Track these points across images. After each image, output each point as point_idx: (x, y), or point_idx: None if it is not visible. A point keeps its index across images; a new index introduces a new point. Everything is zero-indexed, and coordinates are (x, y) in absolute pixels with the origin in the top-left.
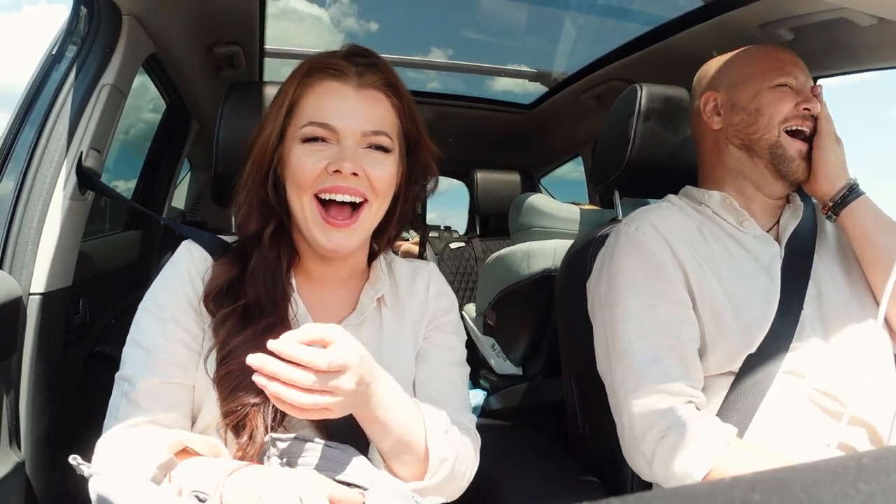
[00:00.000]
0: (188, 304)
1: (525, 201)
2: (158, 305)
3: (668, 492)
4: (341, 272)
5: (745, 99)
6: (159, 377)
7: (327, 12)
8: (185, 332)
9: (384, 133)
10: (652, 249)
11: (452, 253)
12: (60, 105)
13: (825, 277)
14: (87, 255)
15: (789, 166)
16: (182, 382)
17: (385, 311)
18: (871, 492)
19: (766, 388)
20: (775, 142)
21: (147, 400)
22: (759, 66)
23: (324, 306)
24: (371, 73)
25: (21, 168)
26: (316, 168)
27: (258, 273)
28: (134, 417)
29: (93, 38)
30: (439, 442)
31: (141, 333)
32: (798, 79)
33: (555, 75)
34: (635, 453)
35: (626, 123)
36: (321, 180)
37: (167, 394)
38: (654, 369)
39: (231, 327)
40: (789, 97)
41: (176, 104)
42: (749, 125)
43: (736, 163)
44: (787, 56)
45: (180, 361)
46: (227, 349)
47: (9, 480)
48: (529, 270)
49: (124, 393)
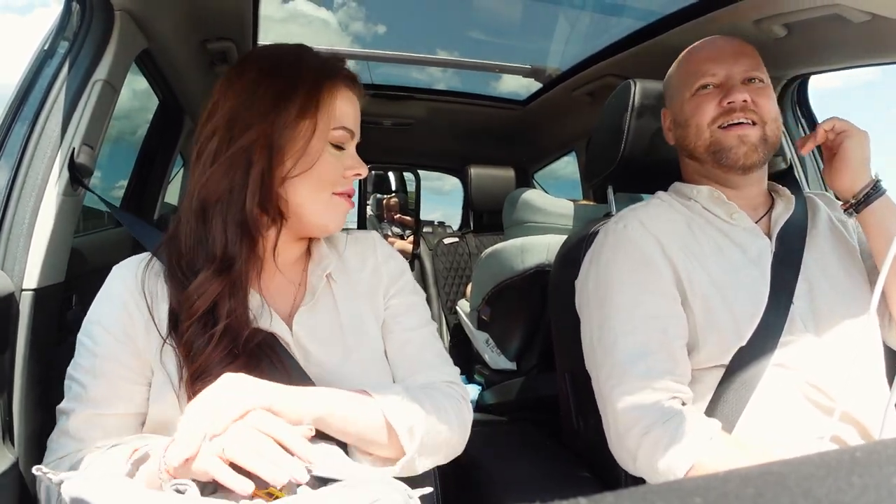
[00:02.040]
0: (124, 335)
1: (519, 197)
2: (92, 339)
3: (661, 486)
4: (290, 256)
5: (678, 112)
6: (91, 409)
7: (335, 16)
8: (120, 365)
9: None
10: (640, 246)
11: (446, 248)
12: (52, 101)
13: (816, 272)
14: (79, 251)
15: (730, 155)
16: (116, 413)
17: (335, 287)
18: (864, 485)
19: (757, 381)
20: (709, 143)
21: (80, 432)
22: (680, 76)
23: (276, 293)
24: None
25: (13, 164)
26: (337, 171)
27: (239, 293)
28: (67, 449)
29: (85, 34)
30: (398, 413)
31: (75, 367)
32: (717, 73)
33: (549, 71)
34: (620, 449)
35: (619, 119)
36: (341, 184)
37: (101, 426)
38: (640, 365)
39: (193, 341)
40: (710, 98)
41: (169, 100)
42: (685, 137)
43: (696, 169)
44: (705, 52)
45: (114, 395)
46: (197, 366)
47: (2, 477)
48: (523, 265)
49: (60, 427)
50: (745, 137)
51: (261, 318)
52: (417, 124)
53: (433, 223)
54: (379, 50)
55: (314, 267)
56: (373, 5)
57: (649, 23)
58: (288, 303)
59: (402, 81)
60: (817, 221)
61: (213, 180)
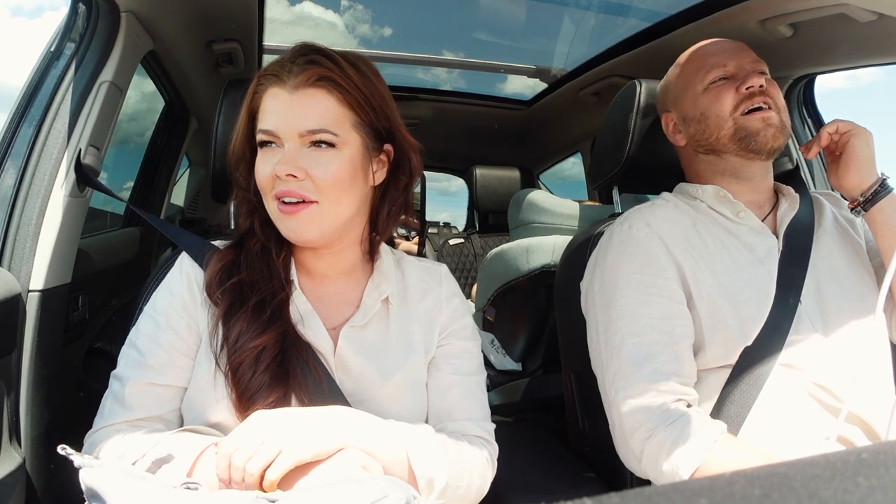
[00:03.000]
0: (183, 308)
1: (524, 197)
2: (155, 308)
3: (667, 487)
4: (336, 266)
5: (690, 109)
6: (147, 378)
7: (342, 18)
8: (177, 337)
9: (324, 130)
10: (645, 247)
11: (451, 249)
12: (59, 102)
13: (823, 270)
14: (86, 252)
15: (758, 139)
16: (170, 384)
17: (392, 310)
18: (870, 486)
19: (764, 381)
20: (734, 131)
21: (133, 400)
22: (688, 73)
23: (327, 302)
24: (307, 70)
25: (20, 165)
26: (267, 173)
27: (251, 254)
28: (118, 416)
29: (91, 35)
30: (423, 461)
31: (137, 335)
32: (727, 65)
33: (554, 72)
34: (625, 450)
35: (625, 119)
36: (274, 184)
37: (154, 395)
38: (647, 367)
39: (228, 307)
40: (726, 88)
41: (174, 101)
42: (703, 131)
43: (711, 165)
44: (709, 48)
45: (171, 364)
46: (234, 335)
47: (9, 477)
48: (528, 266)
49: (113, 392)
50: (768, 119)
51: (307, 324)
52: (422, 125)
53: (438, 224)
54: (384, 51)
55: (372, 288)
56: (378, 6)
57: (655, 23)
58: (338, 314)
59: (407, 82)
60: (824, 220)
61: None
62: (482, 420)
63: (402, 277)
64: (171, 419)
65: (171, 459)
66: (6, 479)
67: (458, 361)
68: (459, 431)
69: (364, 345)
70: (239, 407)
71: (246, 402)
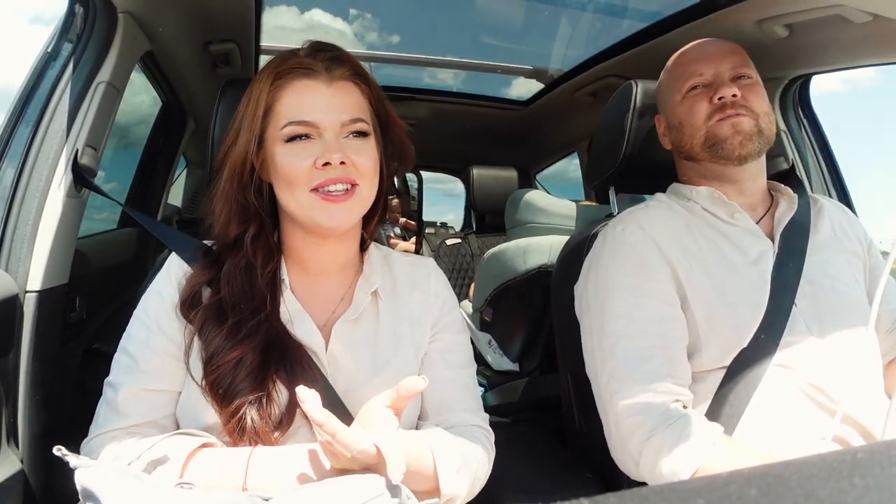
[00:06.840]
0: (174, 311)
1: (521, 197)
2: (146, 313)
3: (664, 487)
4: (337, 258)
5: (671, 116)
6: (140, 384)
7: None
8: (169, 341)
9: (361, 119)
10: (638, 250)
11: (449, 249)
12: (56, 102)
13: (819, 273)
14: (83, 253)
15: (725, 146)
16: (163, 389)
17: (381, 304)
18: (865, 486)
19: (758, 382)
20: (705, 139)
21: (127, 406)
22: (669, 81)
23: (319, 300)
24: (338, 65)
25: (17, 165)
26: (304, 165)
27: (233, 273)
28: (112, 424)
29: (88, 36)
30: (451, 480)
31: (128, 340)
32: (704, 73)
33: (551, 72)
34: (622, 453)
35: (621, 120)
36: (313, 176)
37: (147, 401)
38: (642, 369)
39: (205, 325)
40: (701, 98)
41: (172, 102)
42: (680, 139)
43: (693, 171)
44: (690, 54)
45: (163, 369)
46: (210, 350)
47: (7, 479)
48: (525, 266)
49: (107, 399)
50: (738, 125)
51: (297, 323)
52: (420, 125)
53: (436, 224)
54: (381, 51)
55: (362, 282)
56: (376, 7)
57: (651, 23)
58: (328, 311)
59: (404, 82)
60: (820, 222)
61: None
62: (478, 410)
63: (390, 272)
64: (165, 424)
65: (165, 461)
66: (4, 481)
67: (451, 355)
68: (461, 423)
69: (355, 340)
70: (220, 413)
71: (227, 405)
